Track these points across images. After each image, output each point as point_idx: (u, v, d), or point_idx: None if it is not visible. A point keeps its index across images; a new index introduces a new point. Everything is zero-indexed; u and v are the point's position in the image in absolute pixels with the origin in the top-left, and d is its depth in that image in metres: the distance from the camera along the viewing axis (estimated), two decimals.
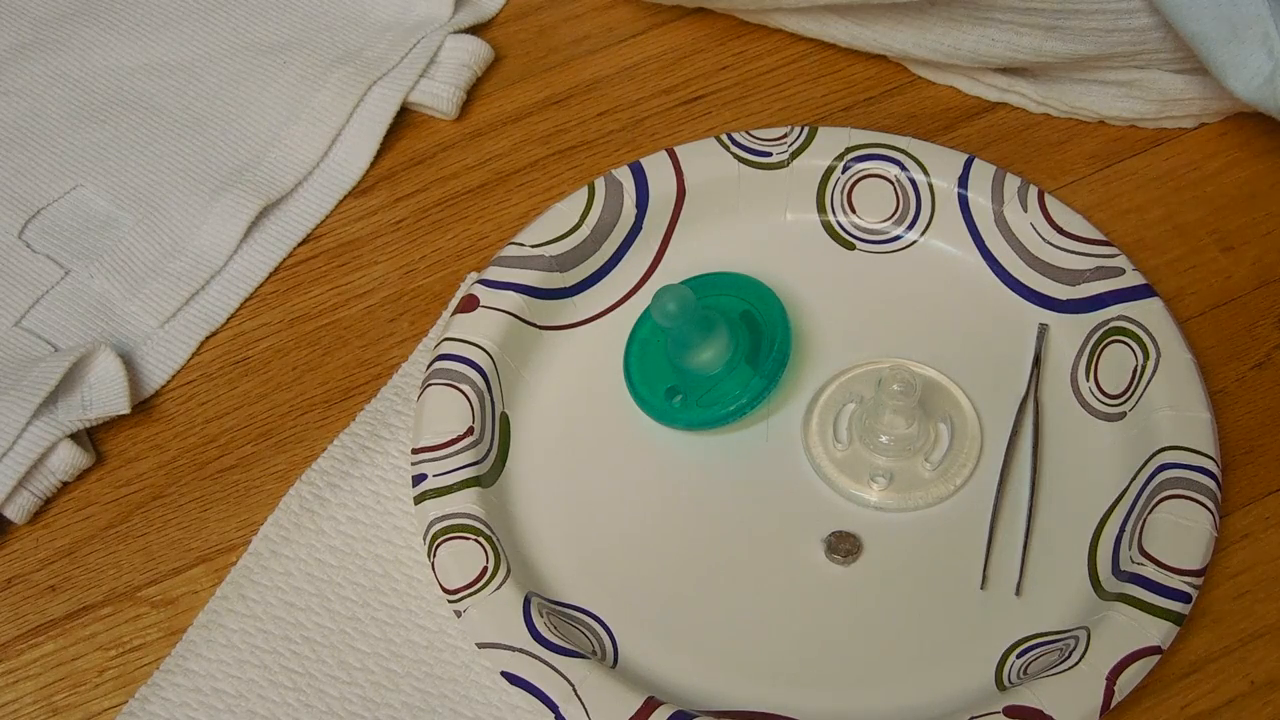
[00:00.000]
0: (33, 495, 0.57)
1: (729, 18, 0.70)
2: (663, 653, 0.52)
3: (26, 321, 0.62)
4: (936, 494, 0.55)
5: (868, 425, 0.56)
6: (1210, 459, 0.53)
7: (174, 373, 0.61)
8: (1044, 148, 0.65)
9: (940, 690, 0.51)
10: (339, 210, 0.66)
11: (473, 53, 0.68)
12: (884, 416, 0.55)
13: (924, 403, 0.56)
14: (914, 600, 0.53)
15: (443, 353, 0.57)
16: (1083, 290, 0.58)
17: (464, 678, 0.52)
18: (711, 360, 0.57)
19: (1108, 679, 0.48)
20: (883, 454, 0.56)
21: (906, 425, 0.55)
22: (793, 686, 0.52)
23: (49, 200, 0.65)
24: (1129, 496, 0.54)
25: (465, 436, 0.55)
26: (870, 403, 0.56)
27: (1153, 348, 0.56)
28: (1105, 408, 0.56)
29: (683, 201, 0.61)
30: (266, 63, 0.69)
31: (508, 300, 0.58)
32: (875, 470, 0.56)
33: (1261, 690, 0.52)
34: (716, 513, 0.56)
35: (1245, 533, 0.55)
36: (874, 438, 0.56)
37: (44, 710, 0.53)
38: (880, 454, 0.56)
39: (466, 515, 0.53)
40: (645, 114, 0.68)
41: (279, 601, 0.54)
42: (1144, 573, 0.51)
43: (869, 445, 0.56)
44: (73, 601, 0.56)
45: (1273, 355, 0.59)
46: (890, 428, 0.55)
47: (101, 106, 0.68)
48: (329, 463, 0.57)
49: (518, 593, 0.51)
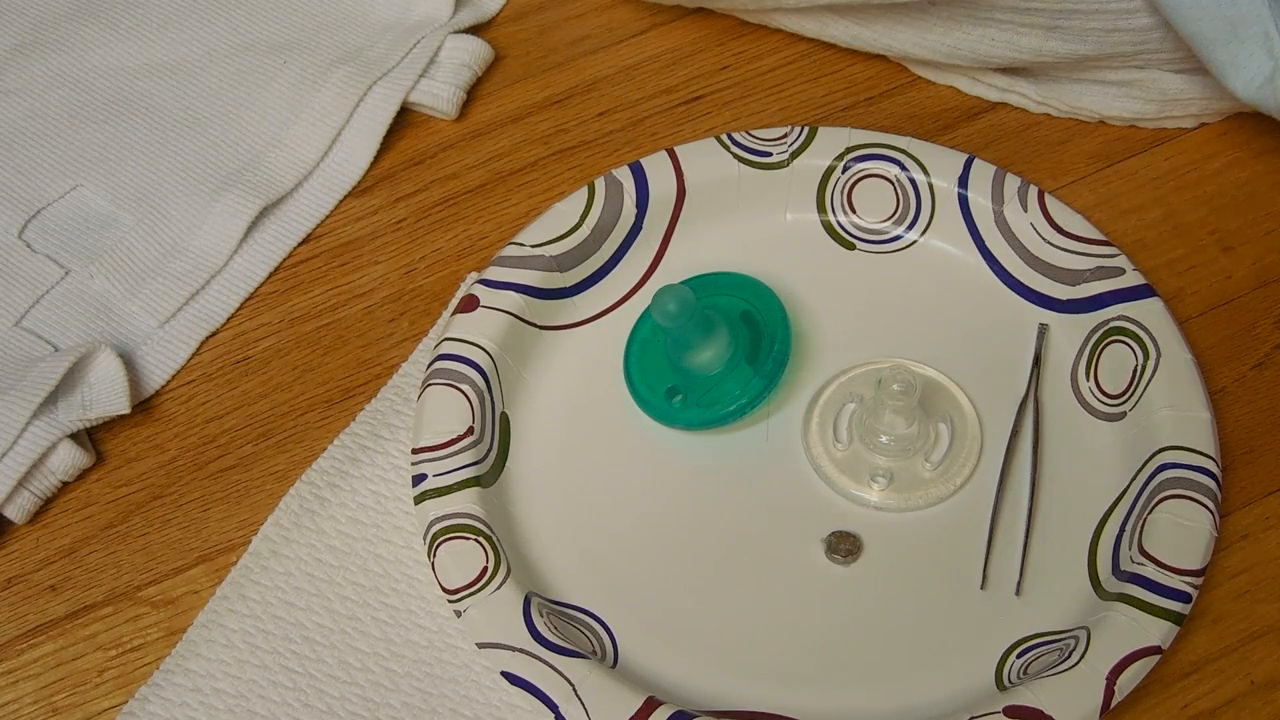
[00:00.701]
0: (33, 495, 0.57)
1: (729, 18, 0.70)
2: (663, 653, 0.52)
3: (27, 321, 0.62)
4: (937, 494, 0.55)
5: (868, 425, 0.56)
6: (1210, 459, 0.53)
7: (174, 373, 0.61)
8: (1044, 148, 0.65)
9: (940, 690, 0.51)
10: (339, 210, 0.66)
11: (473, 53, 0.68)
12: (884, 416, 0.55)
13: (924, 403, 0.56)
14: (914, 600, 0.53)
15: (443, 352, 0.57)
16: (1083, 290, 0.58)
17: (464, 678, 0.52)
18: (711, 360, 0.57)
19: (1108, 679, 0.48)
20: (883, 454, 0.56)
21: (906, 425, 0.55)
22: (792, 686, 0.52)
23: (49, 200, 0.65)
24: (1129, 496, 0.54)
25: (465, 436, 0.55)
26: (870, 402, 0.56)
27: (1153, 348, 0.56)
28: (1105, 408, 0.56)
29: (683, 201, 0.61)
30: (267, 63, 0.69)
31: (508, 300, 0.58)
32: (875, 470, 0.56)
33: (1261, 690, 0.52)
34: (716, 513, 0.56)
35: (1245, 533, 0.55)
36: (874, 438, 0.56)
37: (44, 710, 0.53)
38: (880, 454, 0.56)
39: (466, 515, 0.53)
40: (645, 114, 0.68)
41: (279, 601, 0.54)
42: (1144, 573, 0.51)
43: (869, 445, 0.56)
44: (73, 601, 0.56)
45: (1273, 355, 0.59)
46: (890, 428, 0.55)
47: (101, 106, 0.68)
48: (329, 463, 0.57)
49: (518, 593, 0.51)
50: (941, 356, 0.58)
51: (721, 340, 0.57)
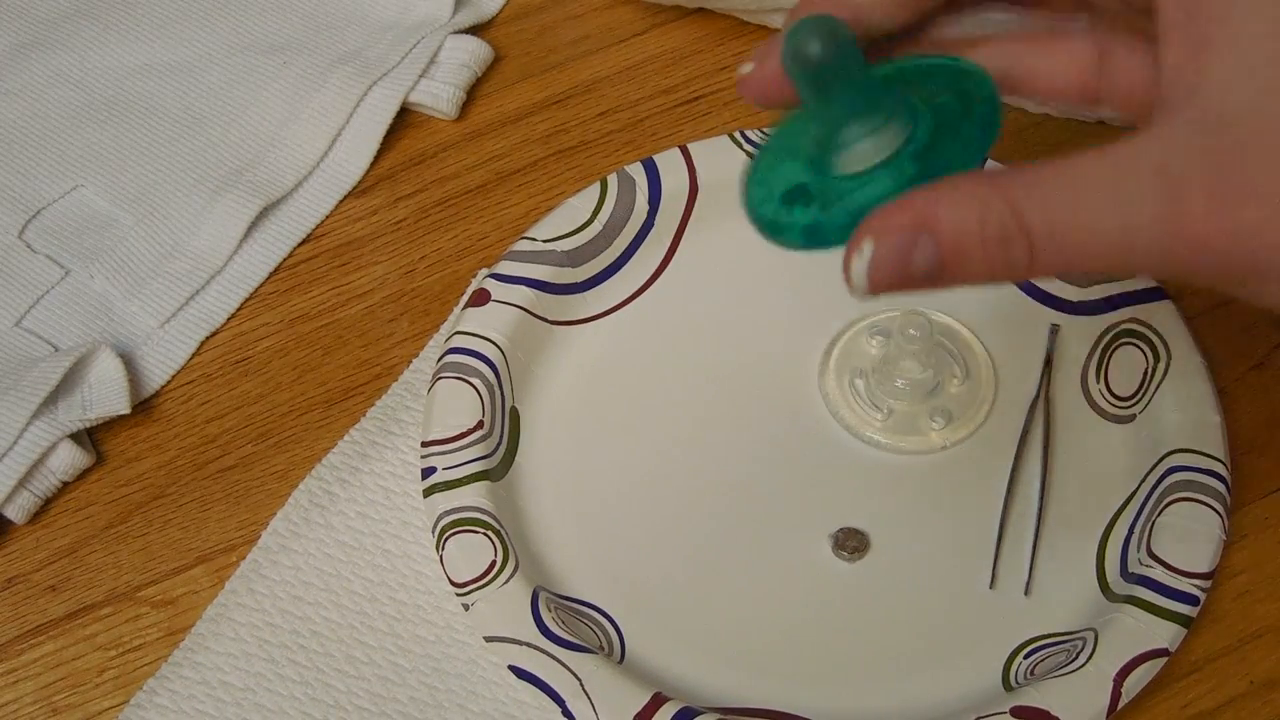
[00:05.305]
0: (33, 495, 0.57)
1: (729, 18, 0.70)
2: (670, 649, 0.52)
3: (26, 321, 0.62)
4: (941, 440, 0.56)
5: (884, 371, 0.57)
6: (1220, 462, 0.53)
7: (174, 373, 0.61)
8: (1044, 148, 0.65)
9: (947, 689, 0.51)
10: (339, 210, 0.66)
11: (473, 53, 0.68)
12: (900, 362, 0.56)
13: (939, 350, 0.58)
14: (921, 598, 0.53)
15: (453, 346, 0.57)
16: (1095, 292, 0.58)
17: (471, 673, 0.52)
18: (868, 146, 0.39)
19: (1115, 681, 0.48)
20: (897, 398, 0.57)
21: (921, 370, 0.56)
22: (798, 684, 0.52)
23: (49, 200, 0.65)
24: (1138, 499, 0.54)
25: (475, 430, 0.55)
26: (891, 345, 0.57)
27: (1163, 350, 0.56)
28: (1115, 410, 0.56)
29: (695, 198, 0.61)
30: (267, 63, 0.69)
31: (519, 294, 0.58)
32: (891, 410, 0.57)
33: (1261, 690, 0.52)
34: (724, 509, 0.56)
35: (1245, 533, 0.55)
36: (890, 382, 0.56)
37: (44, 710, 0.53)
38: (894, 398, 0.57)
39: (475, 509, 0.53)
40: (645, 114, 0.68)
41: (287, 596, 0.54)
42: (1152, 575, 0.51)
43: (884, 390, 0.57)
44: (73, 601, 0.56)
45: (1272, 355, 0.59)
46: (906, 372, 0.56)
47: (102, 106, 0.68)
48: (339, 458, 0.57)
49: (526, 587, 0.51)
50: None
51: (887, 119, 0.38)
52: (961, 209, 0.34)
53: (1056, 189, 0.34)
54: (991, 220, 0.34)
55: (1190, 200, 0.32)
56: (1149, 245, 0.33)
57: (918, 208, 0.35)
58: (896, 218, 0.35)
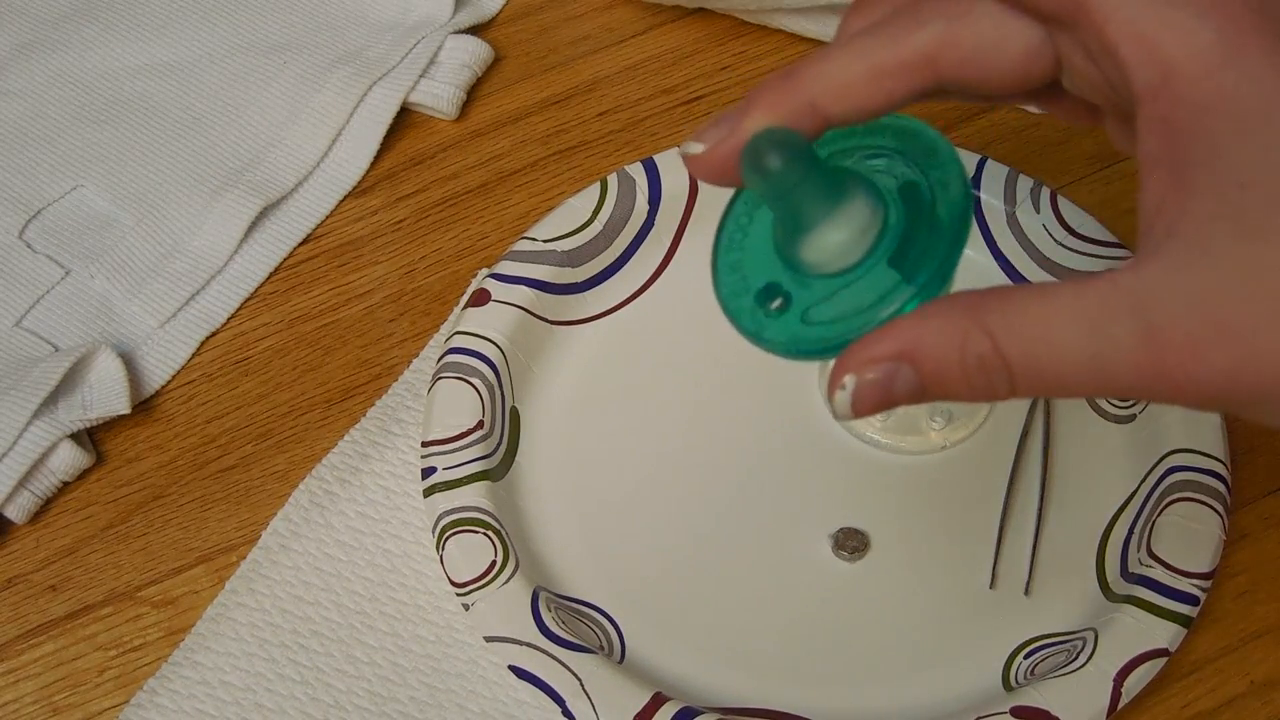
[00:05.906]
0: (33, 495, 0.57)
1: (729, 18, 0.70)
2: (670, 649, 0.52)
3: (27, 321, 0.62)
4: (940, 441, 0.56)
5: None
6: (1220, 462, 0.53)
7: (174, 373, 0.61)
8: (1044, 148, 0.65)
9: (947, 689, 0.51)
10: (339, 210, 0.66)
11: (473, 53, 0.68)
12: None
13: None
14: (921, 598, 0.53)
15: (453, 346, 0.57)
16: None
17: (471, 673, 0.52)
18: (838, 249, 0.37)
19: (1115, 681, 0.48)
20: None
21: None
22: (798, 684, 0.52)
23: (49, 200, 0.65)
24: (1138, 498, 0.54)
25: (475, 430, 0.55)
26: None
27: None
28: (1115, 410, 0.56)
29: (695, 199, 0.61)
30: (267, 63, 0.69)
31: (519, 295, 0.58)
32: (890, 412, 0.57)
33: (1261, 690, 0.52)
34: (724, 509, 0.56)
35: (1245, 533, 0.55)
36: None
37: (44, 710, 0.53)
38: None
39: (475, 509, 0.53)
40: (645, 114, 0.68)
41: (287, 595, 0.54)
42: (1152, 575, 0.51)
43: None
44: (73, 601, 0.56)
45: None
46: None
47: (101, 106, 0.68)
48: (339, 458, 0.57)
49: (526, 587, 0.51)
50: None
51: (857, 218, 0.37)
52: (942, 340, 0.34)
53: (1035, 322, 0.34)
54: (971, 351, 0.34)
55: (1167, 342, 0.32)
56: (1129, 382, 0.33)
57: (898, 341, 0.35)
58: (876, 350, 0.35)
